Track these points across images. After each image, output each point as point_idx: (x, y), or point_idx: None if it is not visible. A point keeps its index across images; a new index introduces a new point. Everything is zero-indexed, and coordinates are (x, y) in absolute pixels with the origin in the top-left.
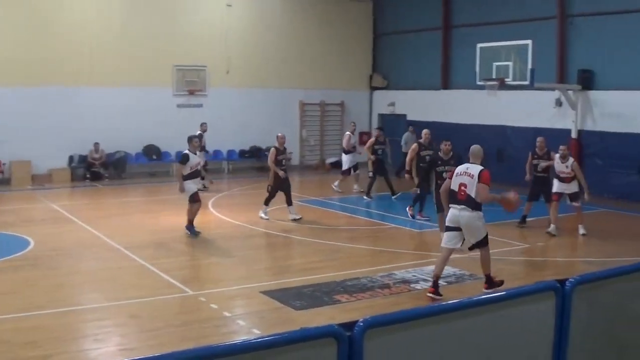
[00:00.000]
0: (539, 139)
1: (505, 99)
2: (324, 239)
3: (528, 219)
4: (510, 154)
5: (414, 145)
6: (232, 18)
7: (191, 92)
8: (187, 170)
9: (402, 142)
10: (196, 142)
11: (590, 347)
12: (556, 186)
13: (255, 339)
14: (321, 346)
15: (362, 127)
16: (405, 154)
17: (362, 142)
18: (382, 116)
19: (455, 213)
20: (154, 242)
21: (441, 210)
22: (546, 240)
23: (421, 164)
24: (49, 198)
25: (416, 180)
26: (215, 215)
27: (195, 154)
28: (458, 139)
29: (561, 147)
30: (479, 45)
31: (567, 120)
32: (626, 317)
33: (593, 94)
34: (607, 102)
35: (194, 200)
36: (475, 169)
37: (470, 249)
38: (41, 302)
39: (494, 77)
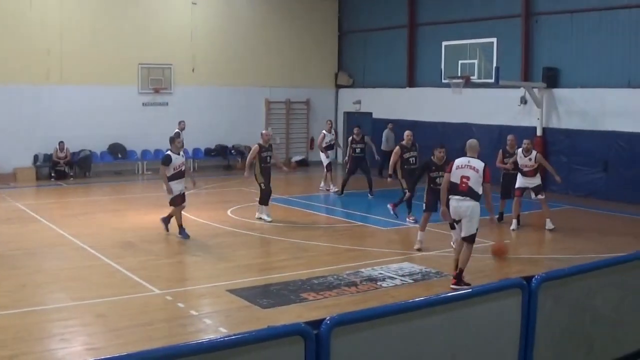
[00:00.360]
0: (509, 137)
1: (471, 96)
2: (290, 237)
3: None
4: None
5: (397, 149)
6: (198, 16)
7: (156, 91)
8: (170, 171)
9: (383, 140)
10: (179, 142)
11: (556, 343)
12: (519, 181)
13: (222, 338)
14: (288, 344)
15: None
16: (385, 151)
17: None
18: (348, 114)
19: (454, 205)
20: (119, 241)
21: (429, 210)
22: (512, 237)
23: (405, 166)
24: (14, 197)
25: (404, 183)
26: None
27: (179, 154)
28: (424, 136)
29: (525, 140)
30: (444, 43)
31: (532, 118)
32: (592, 313)
33: (558, 91)
34: (572, 100)
35: (179, 203)
36: (477, 163)
37: (462, 239)
38: (5, 302)
39: (459, 75)
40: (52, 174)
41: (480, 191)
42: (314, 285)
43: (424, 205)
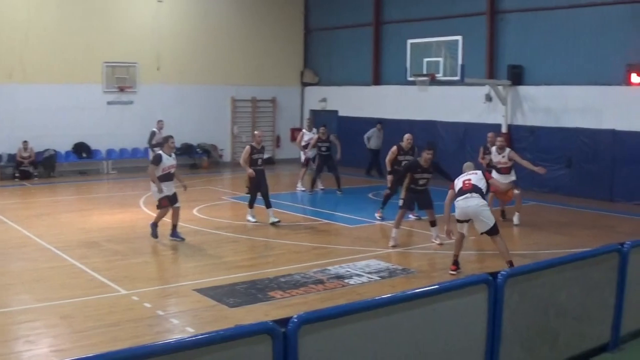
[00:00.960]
0: (489, 133)
1: (436, 94)
2: (257, 235)
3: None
4: (440, 149)
5: (394, 149)
6: (163, 14)
7: (121, 89)
8: (158, 172)
9: (367, 138)
10: (172, 142)
11: (522, 337)
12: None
13: (189, 338)
14: (256, 343)
15: (293, 123)
16: (371, 150)
17: (294, 139)
18: (313, 112)
19: (462, 205)
20: (85, 241)
21: (405, 207)
22: (478, 234)
23: (396, 167)
24: None
25: (389, 180)
26: (147, 213)
27: (170, 155)
28: (389, 134)
29: (498, 138)
30: (410, 41)
31: (497, 115)
32: (557, 307)
33: (522, 89)
34: (536, 97)
35: (165, 205)
36: (476, 171)
37: (483, 233)
38: None
39: (424, 72)
40: (16, 174)
41: (484, 189)
42: (281, 283)
43: (401, 201)
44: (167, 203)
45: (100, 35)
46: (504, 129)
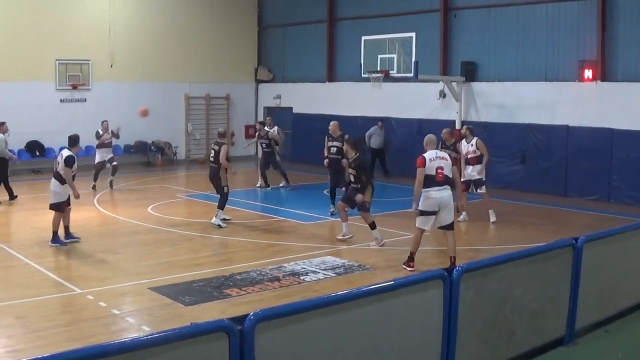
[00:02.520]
0: (444, 130)
1: (390, 91)
2: (212, 233)
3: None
4: (395, 145)
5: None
6: (116, 10)
7: (74, 87)
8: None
9: (366, 137)
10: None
11: (479, 332)
12: (465, 173)
13: (145, 337)
14: (212, 341)
15: (248, 120)
16: (373, 149)
17: (249, 136)
18: (268, 109)
19: (434, 195)
20: (39, 240)
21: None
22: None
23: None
24: None
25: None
26: (101, 211)
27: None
28: (344, 130)
29: (464, 127)
30: (364, 37)
31: (451, 112)
32: (512, 302)
33: (476, 85)
34: (490, 94)
35: (65, 207)
36: (443, 153)
37: (441, 228)
38: None
39: (378, 69)
40: None
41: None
42: (236, 281)
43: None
44: (67, 205)
45: (52, 32)
46: (457, 125)
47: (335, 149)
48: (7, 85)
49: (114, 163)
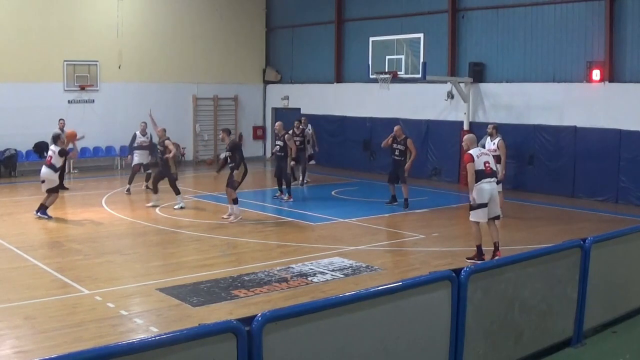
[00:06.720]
0: (396, 127)
1: (398, 92)
2: (220, 234)
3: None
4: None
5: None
6: (124, 12)
7: (82, 88)
8: (60, 163)
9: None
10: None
11: (486, 333)
12: None
13: (153, 337)
14: (220, 342)
15: (256, 121)
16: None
17: (257, 137)
18: (276, 110)
19: (486, 188)
20: (47, 241)
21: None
22: (440, 230)
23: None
24: None
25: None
26: (109, 212)
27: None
28: (351, 131)
29: (489, 125)
30: (372, 38)
31: (459, 113)
32: (520, 303)
33: (484, 86)
34: (498, 95)
35: (57, 190)
36: (487, 152)
37: (492, 219)
38: None
39: (386, 70)
40: None
41: None
42: (244, 282)
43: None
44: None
45: (60, 34)
46: (465, 126)
47: (278, 147)
48: (15, 86)
49: (149, 171)
